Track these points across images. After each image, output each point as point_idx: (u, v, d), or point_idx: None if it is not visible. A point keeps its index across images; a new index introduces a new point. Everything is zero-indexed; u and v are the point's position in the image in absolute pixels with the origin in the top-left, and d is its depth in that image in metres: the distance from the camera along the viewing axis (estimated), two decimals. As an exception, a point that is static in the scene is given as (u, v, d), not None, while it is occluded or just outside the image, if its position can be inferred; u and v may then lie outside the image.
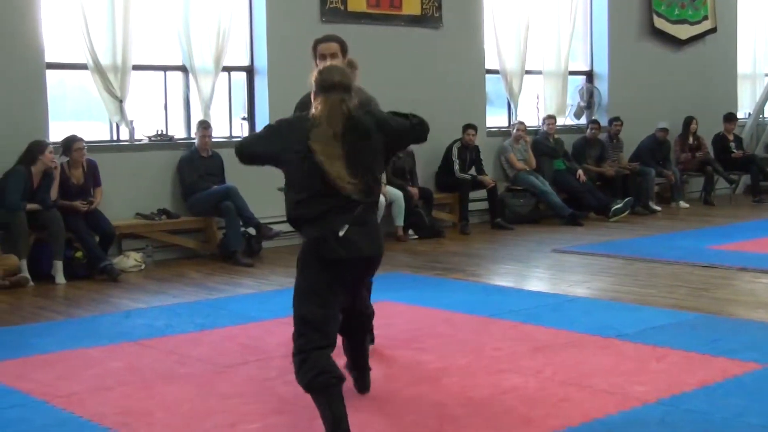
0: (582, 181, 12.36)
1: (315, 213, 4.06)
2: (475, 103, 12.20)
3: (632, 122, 13.43)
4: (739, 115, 15.47)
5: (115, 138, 9.75)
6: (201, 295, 7.72)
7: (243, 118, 10.49)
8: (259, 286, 8.04)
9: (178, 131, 10.14)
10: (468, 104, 12.02)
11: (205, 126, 9.67)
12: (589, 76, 13.93)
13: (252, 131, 10.41)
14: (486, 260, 9.42)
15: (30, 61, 8.86)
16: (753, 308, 6.84)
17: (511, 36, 12.50)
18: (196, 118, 9.98)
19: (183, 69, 10.07)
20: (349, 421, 3.93)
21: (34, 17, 8.84)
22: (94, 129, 9.62)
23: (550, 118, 12.62)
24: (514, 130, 12.27)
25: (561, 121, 13.12)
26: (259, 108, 10.40)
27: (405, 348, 5.81)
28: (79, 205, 8.63)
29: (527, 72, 12.73)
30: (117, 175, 9.29)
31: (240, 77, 10.57)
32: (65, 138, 8.77)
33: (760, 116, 15.99)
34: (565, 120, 13.43)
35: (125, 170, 9.42)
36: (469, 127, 11.53)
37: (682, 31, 14.65)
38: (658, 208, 12.98)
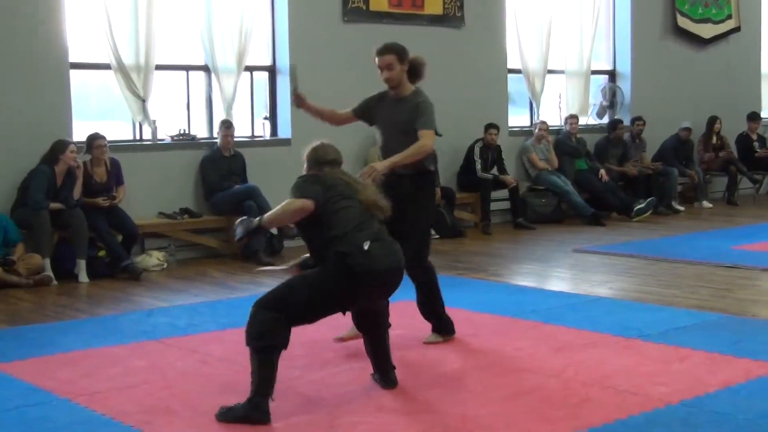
0: (604, 181, 12.31)
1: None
2: (497, 102, 12.17)
3: (655, 122, 13.37)
4: (763, 114, 15.37)
5: (137, 138, 9.79)
6: (223, 294, 7.74)
7: (265, 118, 10.52)
8: (281, 285, 8.04)
9: (200, 131, 10.18)
10: (490, 104, 12.00)
11: (227, 125, 9.70)
12: (612, 75, 13.87)
13: (274, 131, 10.44)
14: (507, 260, 9.41)
15: (54, 61, 8.92)
16: (777, 309, 6.80)
17: (533, 35, 12.47)
18: (219, 117, 10.01)
19: (205, 69, 10.10)
20: (370, 421, 3.96)
21: (57, 17, 8.90)
22: (117, 129, 9.67)
23: (573, 118, 12.58)
24: (536, 130, 12.24)
25: (583, 120, 13.08)
26: (281, 108, 10.42)
27: (425, 347, 5.81)
28: (101, 201, 8.68)
29: (549, 71, 12.69)
30: (139, 174, 9.34)
31: (262, 77, 10.59)
32: (88, 136, 8.83)
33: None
34: (588, 119, 13.38)
35: (148, 170, 9.46)
36: (491, 126, 11.51)
37: (706, 30, 14.57)
38: (681, 208, 12.91)
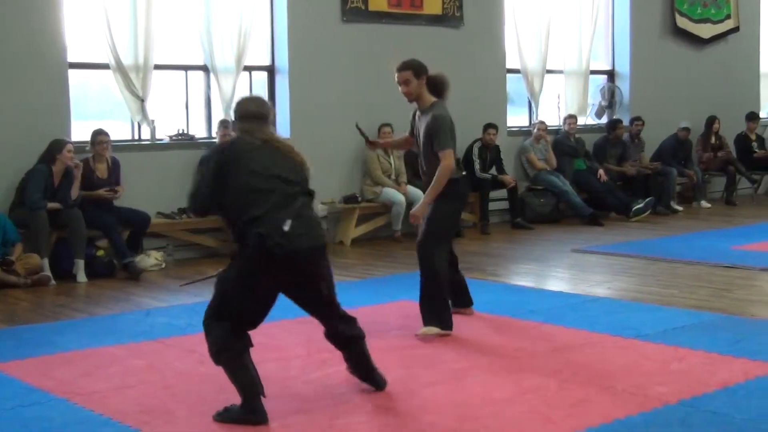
0: (603, 181, 12.31)
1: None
2: (496, 102, 12.18)
3: (654, 122, 13.37)
4: (762, 114, 15.38)
5: (136, 137, 9.79)
6: (221, 294, 7.72)
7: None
8: (279, 285, 8.04)
9: (199, 131, 10.18)
10: (489, 104, 12.00)
11: (225, 125, 9.70)
12: (611, 75, 13.87)
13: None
14: (506, 260, 9.41)
15: (52, 60, 8.92)
16: (775, 309, 6.80)
17: (532, 35, 12.47)
18: (217, 117, 10.01)
19: (204, 69, 10.10)
20: (367, 421, 3.95)
21: (56, 17, 8.90)
22: (116, 128, 9.66)
23: (571, 118, 12.58)
24: (535, 130, 12.24)
25: (582, 120, 13.08)
26: (280, 107, 10.40)
27: (424, 347, 5.80)
28: (103, 192, 8.71)
29: (548, 71, 12.69)
30: (138, 174, 9.34)
31: (261, 77, 10.59)
32: (92, 131, 8.89)
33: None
34: (586, 119, 13.38)
35: (146, 169, 9.46)
36: (489, 126, 11.52)
37: (705, 30, 14.57)
38: (680, 208, 12.91)
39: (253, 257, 4.41)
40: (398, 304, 7.09)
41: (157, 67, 9.59)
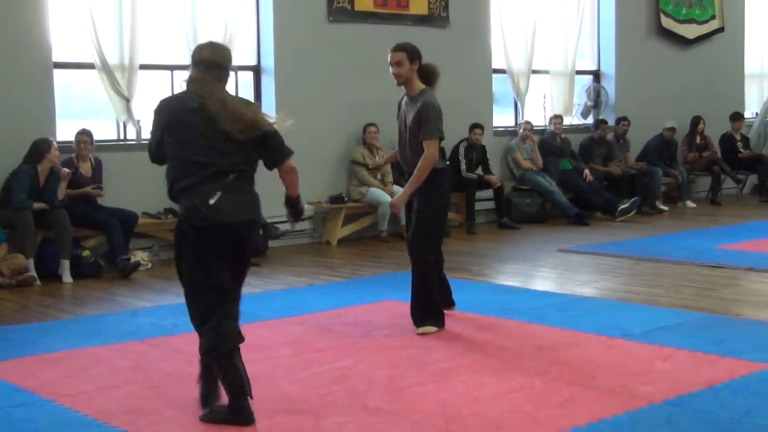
0: (589, 181, 12.35)
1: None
2: (481, 102, 12.19)
3: (639, 122, 13.41)
4: (747, 114, 15.45)
5: (122, 137, 9.77)
6: (207, 294, 7.71)
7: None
8: (265, 285, 8.05)
9: (185, 131, 10.14)
10: (475, 104, 12.01)
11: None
12: (596, 75, 13.91)
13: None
14: (492, 260, 9.42)
15: (37, 60, 8.88)
16: (760, 308, 6.83)
17: (518, 35, 12.49)
18: (203, 117, 9.97)
19: (190, 68, 10.06)
20: (355, 421, 3.94)
21: (41, 17, 8.86)
22: (102, 128, 9.63)
23: (557, 118, 12.61)
24: (521, 130, 12.26)
25: (568, 120, 13.11)
26: (266, 107, 10.34)
27: (410, 347, 5.81)
28: (90, 189, 8.71)
29: (534, 71, 12.72)
30: (124, 174, 9.31)
31: (247, 77, 10.57)
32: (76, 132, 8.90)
33: (767, 116, 15.95)
34: (572, 119, 13.42)
35: (132, 169, 9.43)
36: (475, 126, 11.53)
37: (690, 31, 14.63)
38: (665, 208, 12.96)
39: (181, 229, 4.48)
40: (384, 303, 7.10)
41: (143, 66, 9.57)
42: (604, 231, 11.11)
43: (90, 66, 9.34)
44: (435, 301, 6.18)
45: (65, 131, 9.09)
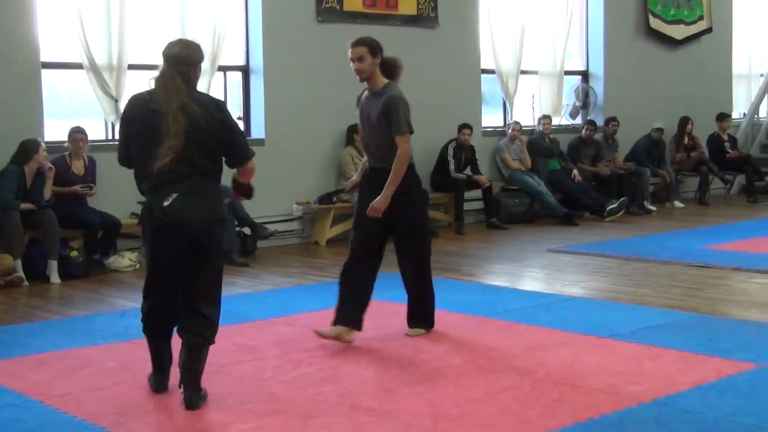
0: (577, 181, 12.37)
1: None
2: (470, 102, 12.20)
3: (628, 122, 13.43)
4: (734, 115, 15.50)
5: (110, 137, 9.74)
6: (196, 294, 7.70)
7: (239, 118, 10.46)
8: (254, 285, 8.04)
9: (173, 131, 10.12)
10: (463, 104, 12.02)
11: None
12: (585, 76, 13.94)
13: (247, 131, 10.39)
14: (481, 260, 9.43)
15: (25, 60, 8.85)
16: (747, 308, 6.85)
17: (506, 36, 12.50)
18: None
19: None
20: (344, 421, 3.94)
21: (29, 17, 8.83)
22: (90, 128, 9.58)
23: (546, 118, 12.62)
24: (510, 130, 12.27)
25: (556, 121, 13.14)
26: (255, 108, 10.39)
27: (399, 348, 5.81)
28: (79, 189, 8.68)
29: (523, 72, 12.74)
30: (112, 174, 9.24)
31: (236, 77, 10.55)
32: (70, 129, 8.86)
33: (755, 116, 16.01)
34: (561, 120, 13.44)
35: (120, 169, 9.26)
36: (464, 126, 11.54)
37: (678, 32, 14.67)
38: (653, 208, 12.99)
39: (143, 226, 4.75)
40: (372, 304, 7.08)
41: (131, 67, 9.54)
42: (593, 231, 11.13)
43: (78, 66, 9.31)
44: (431, 303, 6.15)
45: (53, 131, 9.06)
